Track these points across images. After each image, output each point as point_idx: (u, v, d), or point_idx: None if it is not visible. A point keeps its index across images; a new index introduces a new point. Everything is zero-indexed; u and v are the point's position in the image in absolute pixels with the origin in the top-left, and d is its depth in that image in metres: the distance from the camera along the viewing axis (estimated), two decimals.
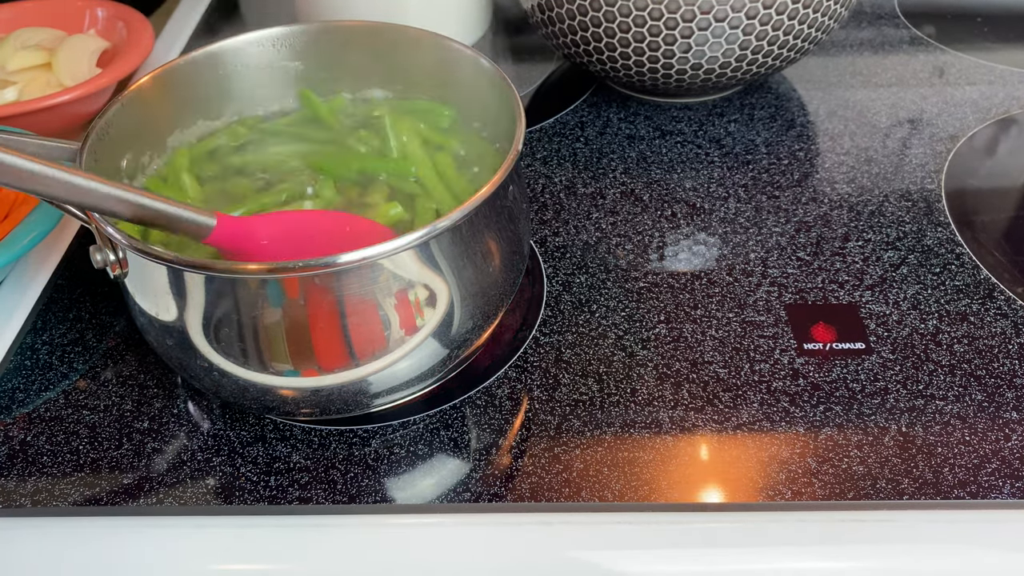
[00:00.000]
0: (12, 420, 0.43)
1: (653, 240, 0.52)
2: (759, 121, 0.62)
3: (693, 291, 0.49)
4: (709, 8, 0.53)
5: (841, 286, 0.49)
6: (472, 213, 0.36)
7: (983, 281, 0.49)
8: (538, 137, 0.61)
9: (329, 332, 0.36)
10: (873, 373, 0.44)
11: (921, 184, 0.56)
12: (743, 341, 0.46)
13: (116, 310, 0.49)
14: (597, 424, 0.42)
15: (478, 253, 0.38)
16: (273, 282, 0.35)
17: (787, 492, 0.39)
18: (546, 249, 0.52)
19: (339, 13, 0.66)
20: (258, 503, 0.39)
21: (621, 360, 0.45)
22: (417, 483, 0.40)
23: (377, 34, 0.47)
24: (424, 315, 0.37)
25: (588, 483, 0.39)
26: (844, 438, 0.41)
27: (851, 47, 0.70)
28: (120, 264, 0.38)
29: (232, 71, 0.47)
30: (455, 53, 0.46)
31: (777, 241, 0.52)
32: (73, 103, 0.56)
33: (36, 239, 0.46)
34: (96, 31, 0.66)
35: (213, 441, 0.42)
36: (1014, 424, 0.41)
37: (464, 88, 0.46)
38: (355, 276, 0.35)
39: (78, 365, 0.46)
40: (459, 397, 0.43)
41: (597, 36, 0.57)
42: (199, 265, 0.34)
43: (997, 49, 0.70)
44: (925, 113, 0.62)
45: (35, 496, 0.40)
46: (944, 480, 0.39)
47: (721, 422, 0.42)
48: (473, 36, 0.71)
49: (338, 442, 0.42)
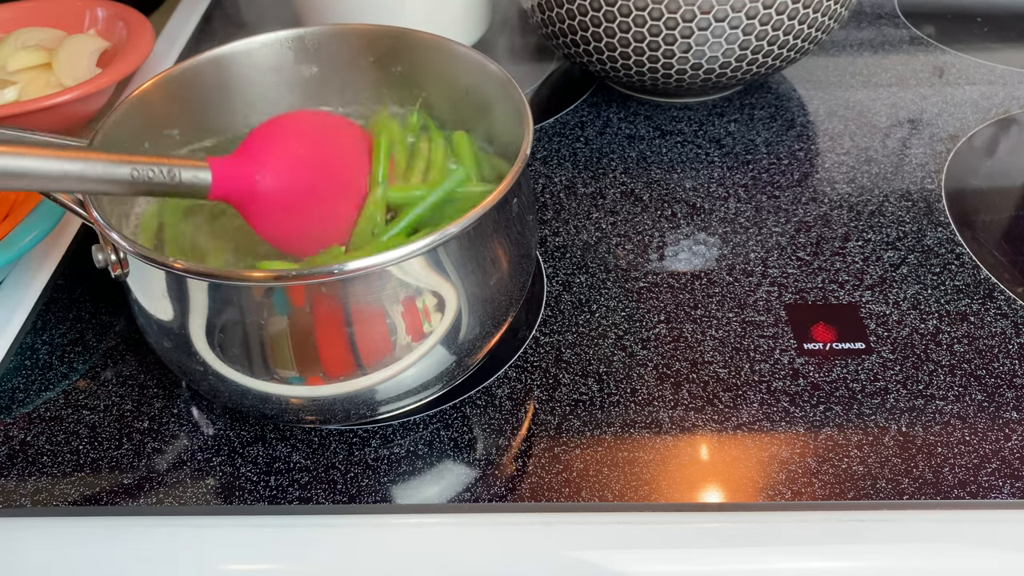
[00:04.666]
0: (12, 420, 0.43)
1: (653, 240, 0.52)
2: (759, 121, 0.62)
3: (693, 291, 0.49)
4: (709, 8, 0.53)
5: (841, 286, 0.49)
6: (480, 219, 0.35)
7: (983, 281, 0.49)
8: (538, 137, 0.61)
9: (335, 340, 0.36)
10: (873, 373, 0.44)
11: (921, 184, 0.56)
12: (743, 341, 0.46)
13: (116, 310, 0.49)
14: (597, 424, 0.42)
15: (486, 259, 0.38)
16: (278, 290, 0.34)
17: (787, 492, 0.39)
18: (546, 249, 0.52)
19: (339, 13, 0.66)
20: (258, 503, 0.39)
21: (621, 360, 0.45)
22: (417, 483, 0.40)
23: (383, 38, 0.47)
24: (432, 322, 0.37)
25: (588, 483, 0.39)
26: (844, 438, 0.41)
27: (851, 47, 0.70)
28: (121, 264, 0.37)
29: (240, 75, 0.47)
30: (463, 57, 0.45)
31: (777, 241, 0.52)
32: (73, 103, 0.56)
33: (36, 239, 0.46)
34: (96, 31, 0.66)
35: (213, 441, 0.42)
36: (1014, 424, 0.41)
37: (470, 92, 0.46)
38: (362, 284, 0.34)
39: (78, 365, 0.46)
40: (459, 397, 0.43)
41: (597, 36, 0.57)
42: (200, 272, 0.34)
43: (997, 49, 0.70)
44: (925, 113, 0.62)
45: (35, 496, 0.40)
46: (944, 480, 0.39)
47: (721, 422, 0.42)
48: (473, 36, 0.71)
49: (338, 442, 0.42)
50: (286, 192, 0.39)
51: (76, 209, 0.39)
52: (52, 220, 0.47)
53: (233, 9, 0.81)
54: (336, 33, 0.47)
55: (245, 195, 0.39)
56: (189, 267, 0.34)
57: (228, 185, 0.38)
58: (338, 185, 0.41)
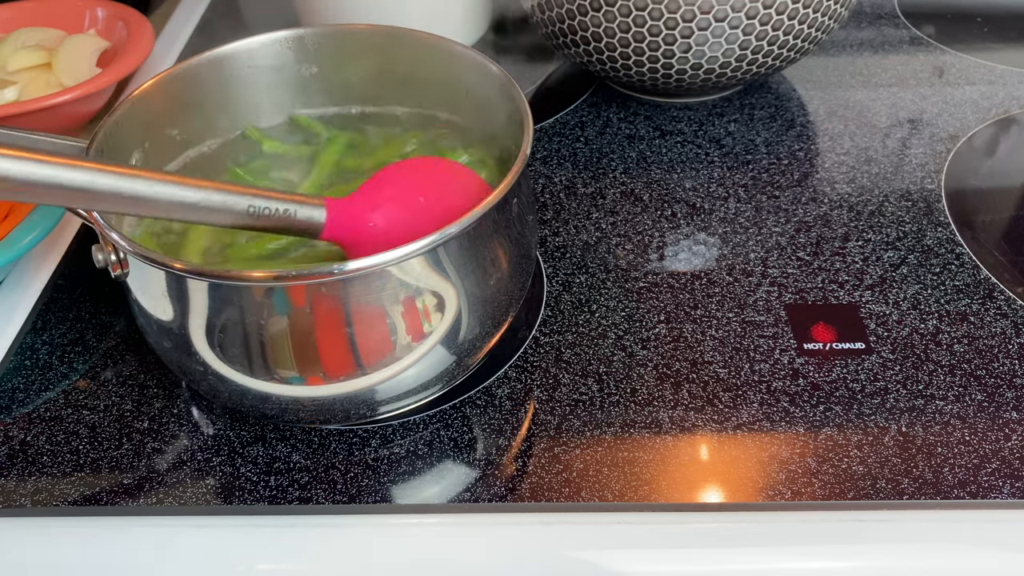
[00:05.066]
0: (12, 420, 0.43)
1: (653, 240, 0.52)
2: (759, 121, 0.62)
3: (693, 291, 0.49)
4: (709, 8, 0.53)
5: (841, 286, 0.49)
6: (480, 219, 0.35)
7: (983, 281, 0.49)
8: (538, 137, 0.61)
9: (335, 340, 0.36)
10: (873, 373, 0.44)
11: (921, 184, 0.56)
12: (743, 341, 0.46)
13: (116, 310, 0.49)
14: (597, 424, 0.42)
15: (486, 259, 0.38)
16: (279, 290, 0.34)
17: (787, 492, 0.39)
18: (546, 249, 0.52)
19: (339, 13, 0.66)
20: (258, 503, 0.39)
21: (621, 360, 0.45)
22: (417, 483, 0.40)
23: (383, 38, 0.47)
24: (432, 322, 0.37)
25: (588, 483, 0.39)
26: (844, 438, 0.41)
27: (851, 47, 0.70)
28: (121, 264, 0.37)
29: (241, 74, 0.47)
30: (462, 58, 0.45)
31: (777, 241, 0.52)
32: (73, 103, 0.56)
33: (36, 239, 0.46)
34: (96, 31, 0.66)
35: (213, 441, 0.42)
36: (1014, 424, 0.41)
37: (470, 92, 0.46)
38: (362, 284, 0.34)
39: (78, 365, 0.46)
40: (459, 397, 0.43)
41: (597, 36, 0.57)
42: (200, 272, 0.34)
43: (997, 49, 0.70)
44: (925, 113, 0.62)
45: (35, 496, 0.40)
46: (944, 480, 0.39)
47: (721, 422, 0.42)
48: (473, 36, 0.71)
49: (338, 442, 0.42)
50: (396, 236, 0.38)
51: (76, 209, 0.39)
52: (52, 220, 0.47)
53: (233, 9, 0.81)
54: (336, 33, 0.47)
55: (356, 237, 0.38)
56: (189, 267, 0.34)
57: (342, 227, 0.37)
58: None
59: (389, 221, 0.38)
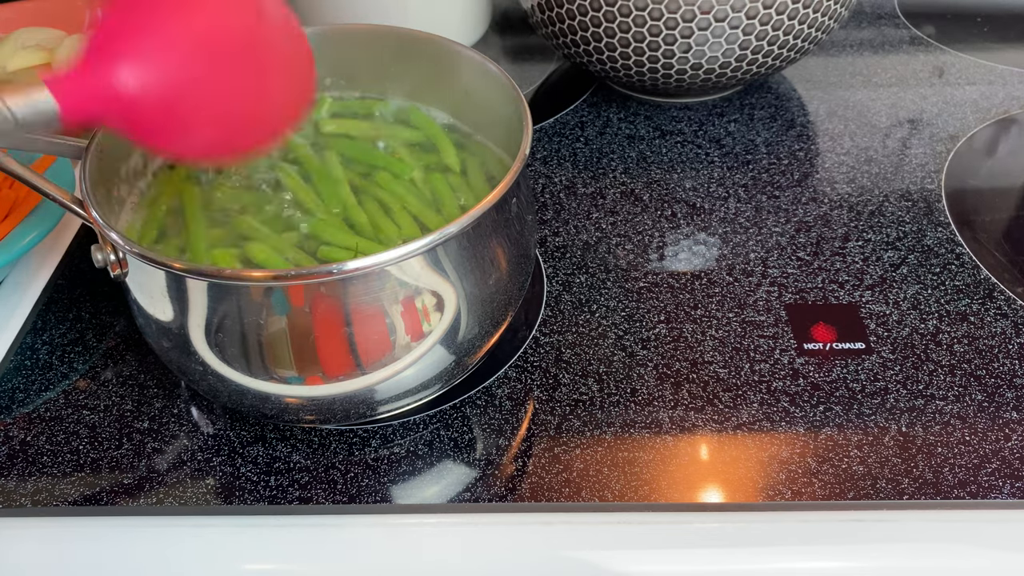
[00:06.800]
0: (12, 420, 0.43)
1: (653, 240, 0.52)
2: (759, 121, 0.62)
3: (693, 291, 0.49)
4: (709, 8, 0.53)
5: (841, 286, 0.49)
6: (479, 219, 0.35)
7: (983, 281, 0.49)
8: (538, 137, 0.61)
9: (334, 340, 0.36)
10: (873, 373, 0.44)
11: (921, 184, 0.56)
12: (743, 341, 0.46)
13: (116, 310, 0.49)
14: (597, 424, 0.42)
15: (485, 259, 0.38)
16: (277, 290, 0.34)
17: (787, 492, 0.39)
18: (546, 249, 0.52)
19: (339, 13, 0.66)
20: (258, 503, 0.39)
21: (621, 360, 0.45)
22: (417, 483, 0.40)
23: (383, 38, 0.47)
24: (431, 321, 0.37)
25: (588, 483, 0.39)
26: (844, 438, 0.41)
27: (851, 47, 0.70)
28: (120, 264, 0.37)
29: None
30: (463, 58, 0.45)
31: (777, 241, 0.52)
32: None
33: (36, 239, 0.46)
34: None
35: (213, 441, 0.42)
36: (1014, 424, 0.41)
37: (470, 92, 0.46)
38: (361, 283, 0.34)
39: (78, 365, 0.46)
40: (459, 397, 0.43)
41: (597, 36, 0.57)
42: (199, 272, 0.34)
43: (997, 49, 0.70)
44: (925, 113, 0.62)
45: (35, 496, 0.40)
46: (944, 480, 0.39)
47: (721, 422, 0.42)
48: (473, 36, 0.71)
49: (338, 442, 0.42)
50: (176, 87, 0.29)
51: (76, 209, 0.39)
52: (52, 220, 0.48)
53: None
54: (336, 33, 0.47)
55: (121, 112, 0.29)
56: (188, 267, 0.34)
57: (90, 106, 0.28)
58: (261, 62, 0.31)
59: (149, 75, 0.29)
